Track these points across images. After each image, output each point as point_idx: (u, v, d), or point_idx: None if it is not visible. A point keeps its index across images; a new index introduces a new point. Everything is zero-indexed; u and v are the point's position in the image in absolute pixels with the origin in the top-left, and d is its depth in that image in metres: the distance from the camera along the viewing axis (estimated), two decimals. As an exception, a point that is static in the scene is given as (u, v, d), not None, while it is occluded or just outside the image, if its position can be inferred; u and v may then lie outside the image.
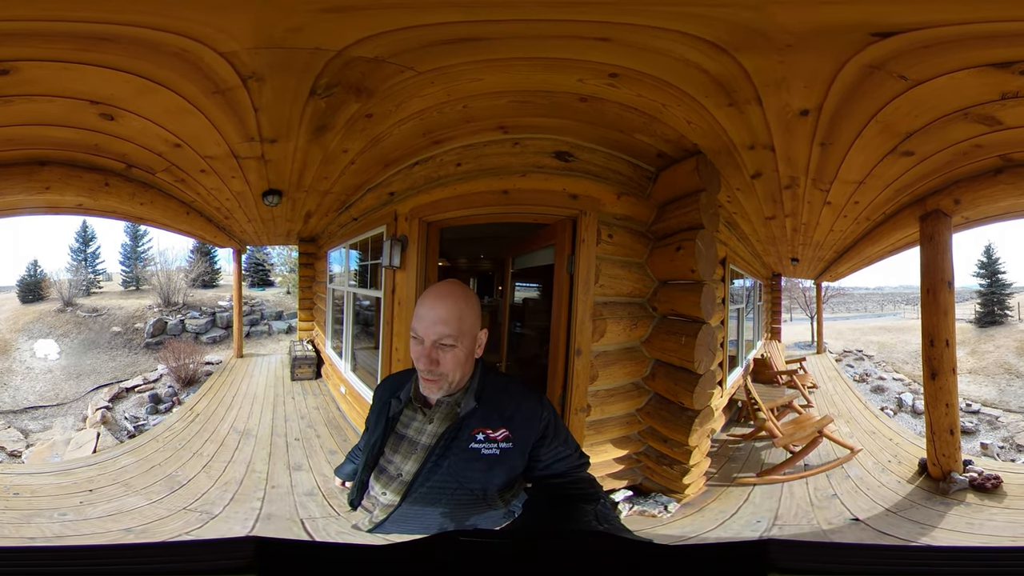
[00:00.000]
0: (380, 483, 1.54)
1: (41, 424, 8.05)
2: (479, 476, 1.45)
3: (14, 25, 1.82)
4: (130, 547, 1.09)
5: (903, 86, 2.15)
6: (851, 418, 5.97)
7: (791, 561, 1.05)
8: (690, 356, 3.21)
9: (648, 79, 2.32)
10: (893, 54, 1.91)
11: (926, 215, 3.83)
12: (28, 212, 4.45)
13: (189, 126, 2.83)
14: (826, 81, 2.13)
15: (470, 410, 1.47)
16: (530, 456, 1.51)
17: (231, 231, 6.82)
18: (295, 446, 4.70)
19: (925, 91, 2.18)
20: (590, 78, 2.39)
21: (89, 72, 2.19)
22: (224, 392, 6.74)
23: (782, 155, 2.98)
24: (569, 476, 1.57)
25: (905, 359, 9.84)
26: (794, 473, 4.09)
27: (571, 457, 1.58)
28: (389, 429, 1.56)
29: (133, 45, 1.97)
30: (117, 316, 11.12)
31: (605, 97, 2.59)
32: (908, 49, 1.88)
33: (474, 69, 2.33)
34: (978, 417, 8.05)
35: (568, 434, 1.61)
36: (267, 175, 3.88)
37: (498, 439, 1.46)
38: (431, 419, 1.51)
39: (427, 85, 2.46)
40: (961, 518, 3.28)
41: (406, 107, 2.74)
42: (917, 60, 1.95)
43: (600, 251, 3.37)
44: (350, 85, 2.39)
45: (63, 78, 2.25)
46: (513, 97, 2.72)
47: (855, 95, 2.23)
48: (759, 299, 8.13)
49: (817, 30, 1.81)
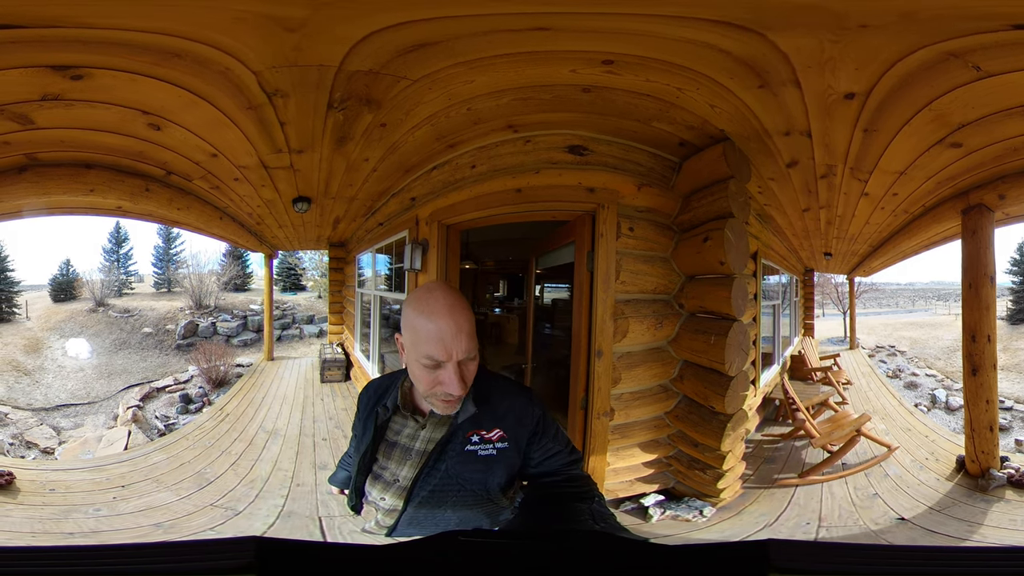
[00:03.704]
0: (377, 489, 1.52)
1: (72, 422, 8.34)
2: (479, 477, 1.43)
3: (99, 33, 1.91)
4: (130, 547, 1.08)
5: (971, 76, 2.09)
6: (886, 415, 5.94)
7: (791, 561, 1.03)
8: (720, 357, 3.06)
9: (654, 63, 2.23)
10: (985, 45, 1.88)
11: (969, 209, 3.78)
12: (70, 212, 4.65)
13: (225, 138, 3.01)
14: (885, 64, 2.04)
15: (469, 416, 1.43)
16: (523, 453, 1.49)
17: (263, 236, 7.00)
18: (322, 446, 4.76)
19: (990, 84, 2.13)
20: (582, 67, 2.33)
21: (150, 84, 2.31)
22: (254, 393, 6.89)
23: (819, 141, 2.85)
24: (562, 474, 1.53)
25: (937, 355, 9.76)
26: (833, 473, 4.01)
27: (562, 454, 1.54)
28: (379, 437, 1.54)
29: (194, 63, 2.12)
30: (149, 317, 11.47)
31: (609, 86, 2.52)
32: (999, 43, 1.85)
33: (459, 72, 2.34)
34: (1011, 414, 8.12)
35: (558, 429, 1.57)
36: (296, 183, 4.05)
37: (493, 439, 1.44)
38: (424, 426, 1.49)
39: (426, 92, 2.51)
40: (1004, 515, 3.26)
41: (415, 114, 2.81)
42: (1001, 54, 1.92)
43: (621, 245, 3.26)
44: (360, 97, 2.49)
45: (127, 88, 2.37)
46: (514, 95, 2.69)
47: (915, 80, 2.14)
48: (795, 295, 7.94)
49: (918, 16, 1.75)
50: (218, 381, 8.19)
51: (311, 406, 6.24)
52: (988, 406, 3.76)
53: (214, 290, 12.50)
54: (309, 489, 3.78)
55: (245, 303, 12.76)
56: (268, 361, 9.13)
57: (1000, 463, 3.72)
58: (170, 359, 10.46)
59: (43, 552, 1.21)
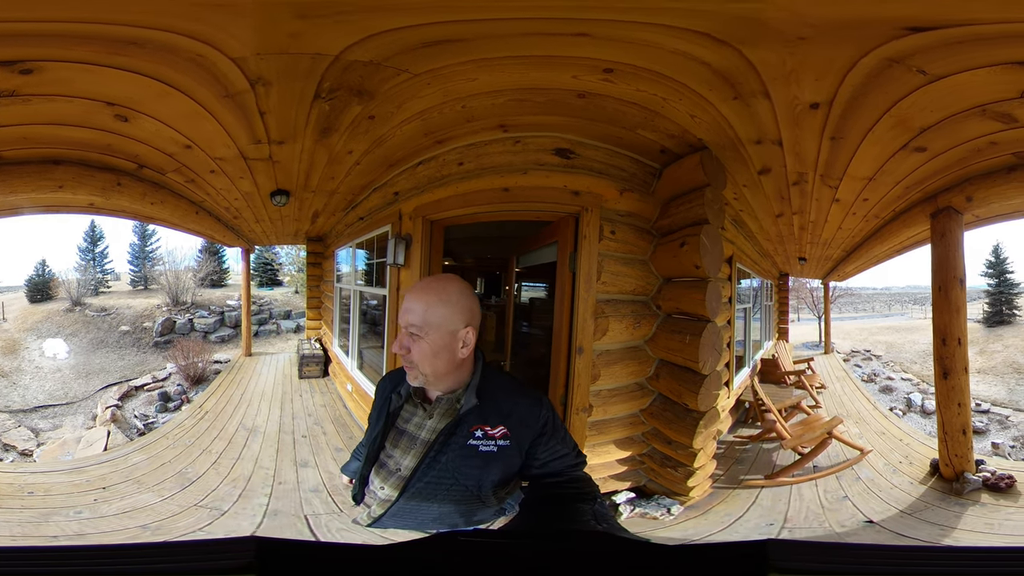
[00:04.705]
0: (379, 478, 1.55)
1: (51, 423, 8.16)
2: (475, 472, 1.45)
3: (44, 26, 1.85)
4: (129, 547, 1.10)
5: (921, 81, 2.12)
6: (860, 419, 5.93)
7: (791, 561, 1.04)
8: (694, 356, 3.16)
9: (645, 73, 2.30)
10: (919, 49, 1.89)
11: (937, 212, 3.78)
12: (40, 211, 4.51)
13: (200, 129, 2.90)
14: (840, 73, 2.10)
15: (471, 407, 1.47)
16: (527, 454, 1.51)
17: (240, 231, 6.89)
18: (302, 443, 4.73)
19: (943, 87, 2.16)
20: (584, 74, 2.38)
21: (110, 75, 2.22)
22: (232, 390, 6.81)
23: (790, 150, 2.94)
24: (565, 475, 1.56)
25: (913, 359, 9.82)
26: (803, 475, 4.05)
27: (568, 456, 1.57)
28: (390, 424, 1.57)
29: (159, 50, 2.03)
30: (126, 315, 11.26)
31: (603, 93, 2.58)
32: (937, 44, 1.86)
33: (465, 69, 2.34)
34: (988, 417, 8.04)
35: (566, 433, 1.60)
36: (275, 176, 3.94)
37: (496, 436, 1.46)
38: (431, 414, 1.52)
39: (424, 87, 2.49)
40: (979, 519, 3.24)
41: (407, 108, 2.78)
42: (942, 56, 1.94)
43: (603, 248, 3.35)
44: (351, 88, 2.43)
45: (85, 80, 2.28)
46: (511, 96, 2.72)
47: (869, 88, 2.20)
48: (768, 299, 8.07)
49: (842, 23, 1.78)
50: (196, 378, 8.07)
51: (290, 402, 6.17)
52: (960, 409, 3.75)
53: (191, 286, 12.30)
54: (292, 487, 3.75)
55: (222, 299, 12.59)
56: (246, 357, 9.03)
57: (976, 467, 3.70)
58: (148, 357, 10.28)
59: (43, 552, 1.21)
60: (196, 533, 3.13)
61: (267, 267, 15.15)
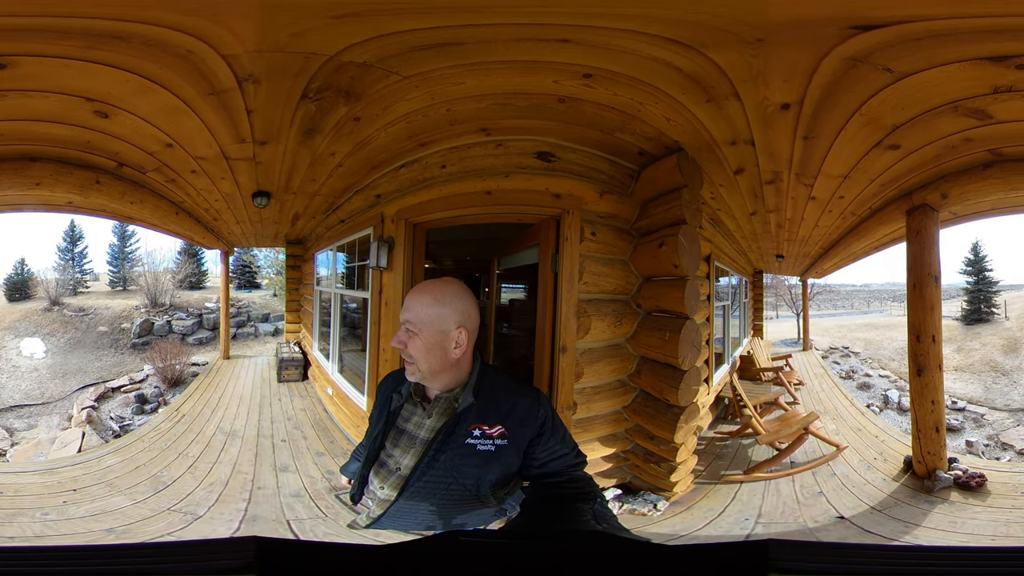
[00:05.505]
0: (379, 477, 1.56)
1: (26, 423, 7.97)
2: (473, 472, 1.46)
3: (20, 20, 1.82)
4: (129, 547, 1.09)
5: (889, 79, 2.14)
6: (837, 415, 5.97)
7: (791, 561, 1.05)
8: (674, 352, 3.23)
9: (622, 78, 2.34)
10: (877, 47, 1.91)
11: (912, 209, 3.81)
12: (17, 209, 4.42)
13: (183, 126, 2.86)
14: (806, 74, 2.13)
15: (467, 405, 1.49)
16: (526, 454, 1.52)
17: (219, 232, 6.80)
18: (281, 447, 4.67)
19: (913, 84, 2.17)
20: (565, 79, 2.42)
21: (89, 69, 2.19)
22: (210, 393, 6.70)
23: (763, 150, 3.00)
24: (565, 475, 1.57)
25: (891, 356, 9.86)
26: (780, 471, 4.10)
27: (568, 456, 1.58)
28: (390, 423, 1.59)
29: (143, 45, 1.99)
30: (104, 316, 11.03)
31: (582, 97, 2.62)
32: (894, 42, 1.88)
33: (455, 73, 2.36)
34: (964, 415, 8.06)
35: (566, 433, 1.61)
36: (257, 177, 3.90)
37: (494, 435, 1.47)
38: (430, 413, 1.53)
39: (412, 89, 2.50)
40: (944, 516, 3.27)
41: (392, 111, 2.79)
42: (905, 53, 1.95)
43: (584, 249, 3.39)
44: (340, 89, 2.43)
45: (62, 75, 2.25)
46: (494, 100, 2.75)
47: (838, 88, 2.23)
48: (745, 296, 8.17)
49: (792, 23, 1.81)
50: (174, 380, 7.94)
51: (268, 406, 6.07)
52: (934, 407, 3.76)
53: (170, 288, 12.09)
54: (272, 492, 3.70)
55: (200, 301, 12.39)
56: (224, 360, 8.91)
57: (948, 464, 3.71)
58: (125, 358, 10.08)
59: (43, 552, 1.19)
60: (165, 538, 3.06)
61: (245, 270, 14.96)
